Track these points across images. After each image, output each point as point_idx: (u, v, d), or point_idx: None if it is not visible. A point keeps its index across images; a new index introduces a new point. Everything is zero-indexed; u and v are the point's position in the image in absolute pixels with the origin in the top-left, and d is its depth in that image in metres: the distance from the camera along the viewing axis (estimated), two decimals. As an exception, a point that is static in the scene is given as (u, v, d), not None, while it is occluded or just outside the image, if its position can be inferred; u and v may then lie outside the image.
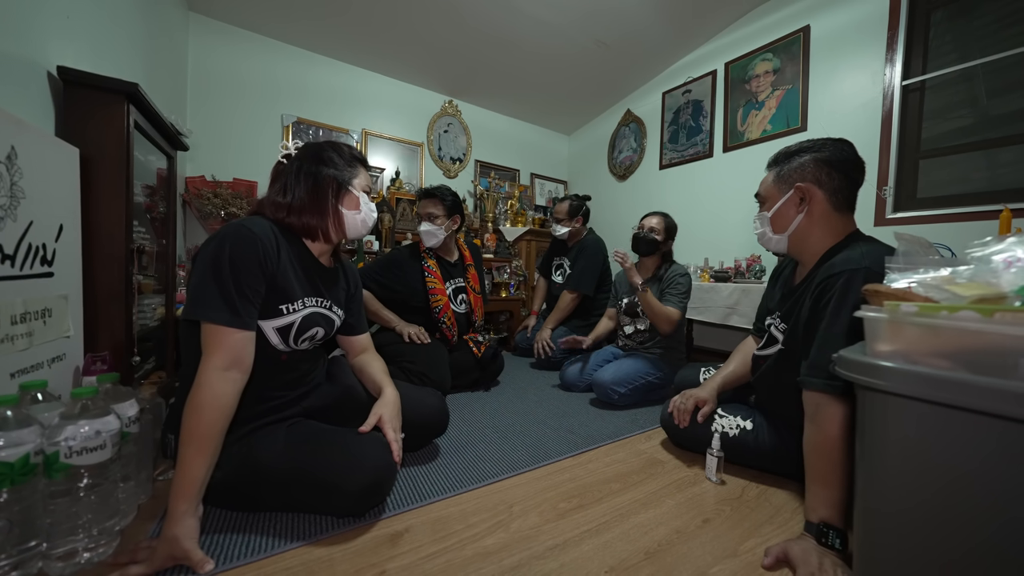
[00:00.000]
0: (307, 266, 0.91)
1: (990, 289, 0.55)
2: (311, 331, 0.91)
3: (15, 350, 0.78)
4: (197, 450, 0.69)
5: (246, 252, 0.77)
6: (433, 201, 1.79)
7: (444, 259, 1.91)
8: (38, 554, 0.66)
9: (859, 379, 0.59)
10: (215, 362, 0.73)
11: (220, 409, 0.72)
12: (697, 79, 2.85)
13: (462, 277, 1.94)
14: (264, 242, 0.80)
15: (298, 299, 0.87)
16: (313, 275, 0.93)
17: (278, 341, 0.86)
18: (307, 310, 0.89)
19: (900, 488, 0.57)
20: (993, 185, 1.76)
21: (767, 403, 1.12)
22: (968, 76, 1.82)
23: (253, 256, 0.78)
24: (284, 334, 0.86)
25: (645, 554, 0.79)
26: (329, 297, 0.96)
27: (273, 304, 0.83)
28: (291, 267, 0.86)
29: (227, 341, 0.74)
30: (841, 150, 0.92)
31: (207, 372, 0.72)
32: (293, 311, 0.86)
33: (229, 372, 0.74)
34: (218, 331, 0.74)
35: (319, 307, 0.93)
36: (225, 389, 0.73)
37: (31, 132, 0.84)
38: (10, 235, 0.78)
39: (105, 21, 1.32)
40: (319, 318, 0.92)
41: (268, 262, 0.80)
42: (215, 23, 2.36)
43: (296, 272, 0.88)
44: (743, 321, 2.01)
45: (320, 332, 0.94)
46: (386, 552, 0.77)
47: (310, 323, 0.90)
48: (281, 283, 0.83)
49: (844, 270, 0.82)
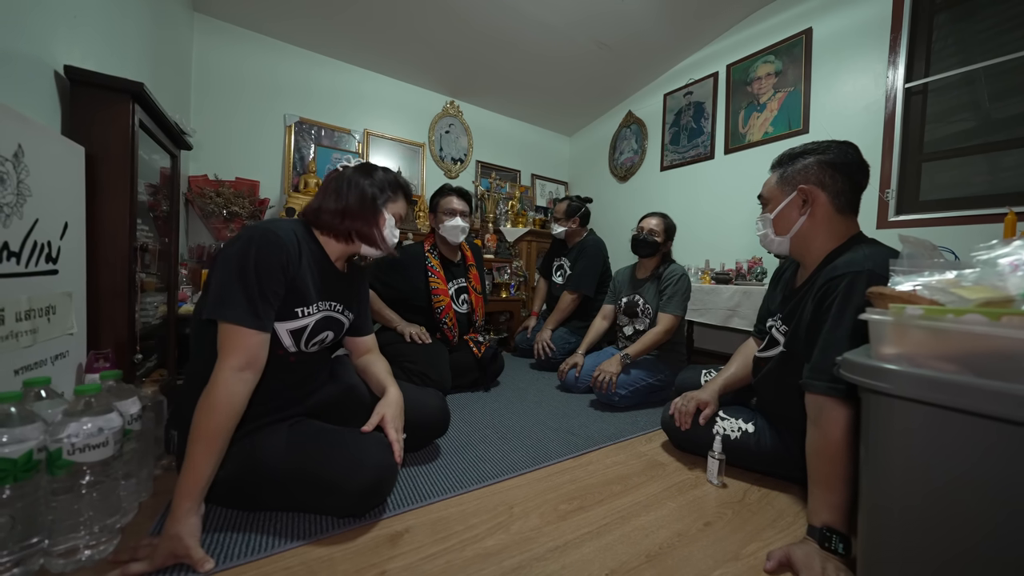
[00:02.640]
0: (324, 270, 0.93)
1: (996, 292, 0.55)
2: (322, 334, 0.93)
3: (19, 347, 0.78)
4: (206, 449, 0.70)
5: (272, 256, 0.78)
6: (465, 200, 1.88)
7: (447, 259, 1.91)
8: (40, 551, 0.66)
9: (864, 382, 0.59)
10: (232, 362, 0.73)
11: (232, 408, 0.73)
12: (699, 81, 2.85)
13: (464, 277, 1.94)
14: (288, 246, 0.81)
15: (313, 303, 0.88)
16: (329, 279, 0.94)
17: (290, 343, 0.87)
18: (320, 314, 0.91)
19: (905, 492, 0.56)
20: (996, 188, 1.75)
21: (769, 405, 1.11)
22: (970, 79, 1.81)
23: (277, 260, 0.79)
24: (296, 336, 0.87)
25: (646, 557, 0.79)
26: (341, 301, 0.97)
27: (289, 307, 0.84)
28: (310, 271, 0.87)
29: (246, 342, 0.74)
30: (845, 152, 0.91)
31: (223, 371, 0.73)
32: (308, 315, 0.88)
33: (244, 373, 0.74)
34: (238, 332, 0.74)
35: (332, 311, 0.94)
36: (239, 389, 0.73)
37: (37, 130, 0.84)
38: (16, 232, 0.78)
39: (111, 21, 1.32)
40: (331, 322, 0.94)
41: (290, 266, 0.81)
42: (218, 23, 2.36)
43: (313, 276, 0.89)
44: (744, 323, 2.01)
45: (330, 336, 0.96)
46: (386, 552, 0.77)
47: (322, 327, 0.92)
48: (300, 287, 0.85)
49: (847, 272, 0.81)
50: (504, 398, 1.75)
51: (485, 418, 1.50)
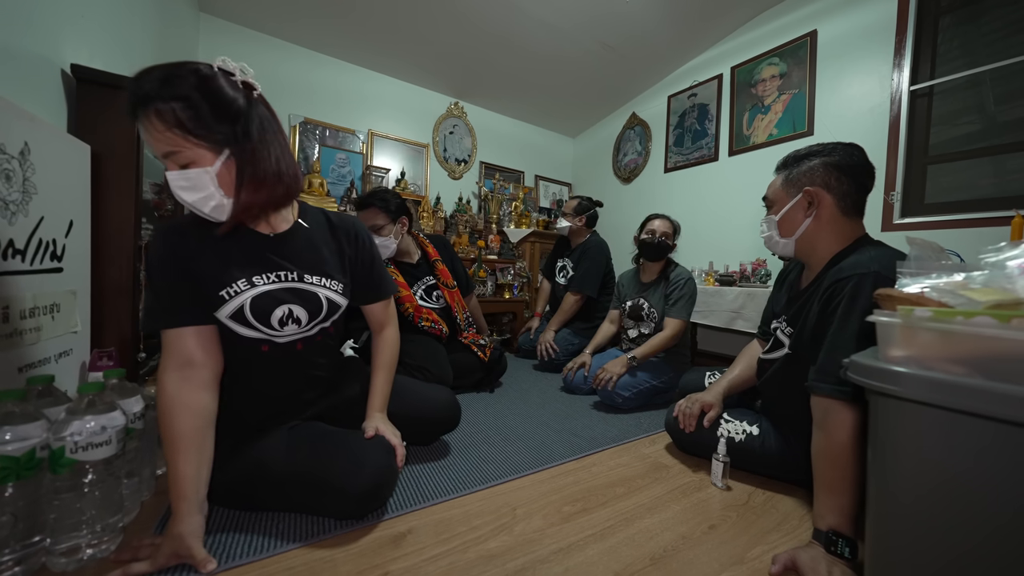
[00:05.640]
0: (246, 241, 0.81)
1: (1006, 295, 0.54)
2: (279, 311, 0.81)
3: (23, 344, 0.78)
4: (177, 451, 0.71)
5: (159, 251, 0.76)
6: (373, 211, 1.51)
7: (404, 263, 1.81)
8: (42, 549, 0.66)
9: (873, 384, 0.58)
10: (165, 364, 0.74)
11: (181, 408, 0.72)
12: (703, 83, 2.84)
13: (430, 275, 1.85)
14: (176, 230, 0.77)
15: (237, 279, 0.78)
16: (260, 249, 0.82)
17: (246, 330, 0.80)
18: (256, 289, 0.79)
19: (914, 495, 0.56)
20: (1001, 191, 1.74)
21: (773, 408, 1.10)
22: (976, 82, 1.81)
23: (165, 252, 0.76)
24: (240, 320, 0.79)
25: (651, 559, 0.78)
26: (293, 267, 0.84)
27: (214, 292, 0.77)
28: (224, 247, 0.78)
29: (169, 341, 0.74)
30: (851, 154, 0.91)
31: (160, 376, 0.73)
32: (235, 293, 0.78)
33: (184, 371, 0.74)
34: (164, 335, 0.75)
35: (282, 282, 0.82)
36: (181, 388, 0.73)
37: (44, 128, 0.85)
38: (22, 230, 0.78)
39: (119, 21, 1.33)
40: (284, 294, 0.82)
41: (183, 248, 0.76)
42: (224, 23, 2.38)
43: (234, 252, 0.79)
44: (748, 325, 2.00)
45: (297, 310, 0.83)
46: (389, 553, 0.77)
47: (269, 303, 0.80)
48: (211, 268, 0.77)
49: (853, 274, 0.81)
50: (507, 399, 1.74)
51: (488, 419, 1.49)
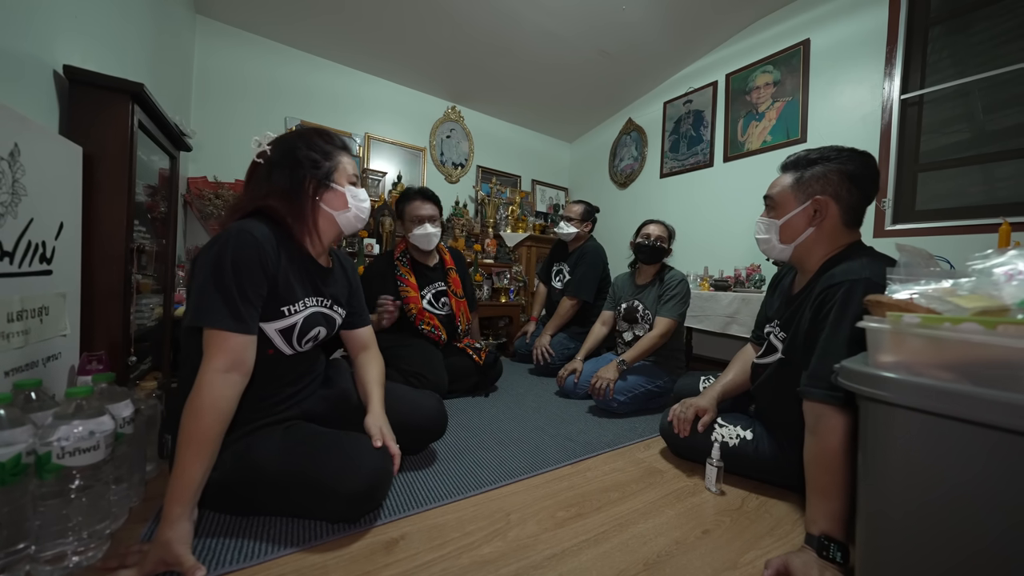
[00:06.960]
0: (306, 266, 0.91)
1: (992, 301, 0.55)
2: (313, 331, 0.91)
3: (10, 348, 0.77)
4: (195, 453, 0.69)
5: (248, 255, 0.77)
6: (434, 204, 1.82)
7: (422, 264, 1.87)
8: (26, 557, 0.64)
9: (862, 390, 0.59)
10: (215, 364, 0.72)
11: (219, 412, 0.71)
12: (698, 90, 2.88)
13: (442, 281, 1.90)
14: (265, 245, 0.80)
15: (299, 300, 0.87)
16: (313, 275, 0.92)
17: (282, 343, 0.86)
18: (308, 311, 0.89)
19: (903, 500, 0.56)
20: (990, 199, 1.77)
21: (767, 412, 1.11)
22: (965, 91, 1.84)
23: (255, 259, 0.77)
24: (287, 336, 0.86)
25: (644, 565, 0.78)
26: (329, 296, 0.96)
27: (275, 306, 0.83)
28: (291, 268, 0.86)
29: (228, 345, 0.73)
30: (865, 164, 0.90)
31: (208, 374, 0.71)
32: (295, 312, 0.86)
33: (230, 375, 0.73)
34: (220, 335, 0.73)
35: (320, 307, 0.93)
36: (225, 392, 0.72)
37: (34, 129, 0.84)
38: (10, 232, 0.77)
39: (113, 22, 1.32)
40: (320, 318, 0.92)
41: (269, 264, 0.80)
42: (220, 26, 2.38)
43: (296, 273, 0.87)
44: (742, 330, 2.01)
45: (322, 332, 0.94)
46: (381, 560, 0.76)
47: (312, 323, 0.90)
48: (282, 285, 0.83)
49: (845, 280, 0.82)
50: (502, 404, 1.74)
51: (483, 424, 1.49)
